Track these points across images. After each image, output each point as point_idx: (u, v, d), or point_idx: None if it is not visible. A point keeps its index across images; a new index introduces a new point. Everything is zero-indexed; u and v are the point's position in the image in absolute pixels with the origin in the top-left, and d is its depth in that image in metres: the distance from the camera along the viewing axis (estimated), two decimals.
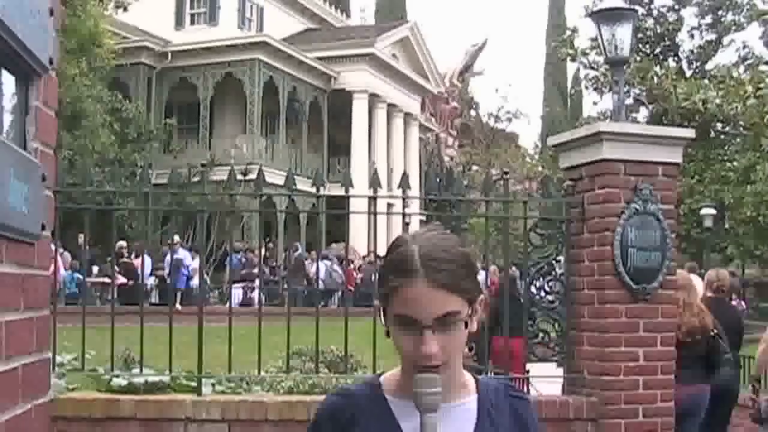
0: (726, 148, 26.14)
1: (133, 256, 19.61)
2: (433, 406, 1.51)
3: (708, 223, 24.33)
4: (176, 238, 19.52)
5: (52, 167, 1.93)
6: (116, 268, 15.32)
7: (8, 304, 1.63)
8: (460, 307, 1.54)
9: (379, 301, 1.61)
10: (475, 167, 42.02)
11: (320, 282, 16.18)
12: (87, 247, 6.89)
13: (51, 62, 1.81)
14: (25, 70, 1.71)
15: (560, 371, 5.45)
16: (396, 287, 1.54)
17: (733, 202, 23.67)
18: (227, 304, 17.08)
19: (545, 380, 5.67)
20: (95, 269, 19.73)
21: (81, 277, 14.75)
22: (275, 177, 20.57)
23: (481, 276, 3.89)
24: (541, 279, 5.39)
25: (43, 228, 1.82)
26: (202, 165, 6.62)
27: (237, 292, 19.00)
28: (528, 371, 5.48)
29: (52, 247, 2.62)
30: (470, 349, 6.09)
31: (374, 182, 5.18)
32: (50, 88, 1.86)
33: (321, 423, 1.68)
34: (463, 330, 1.56)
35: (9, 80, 1.65)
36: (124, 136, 25.64)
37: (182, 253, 19.38)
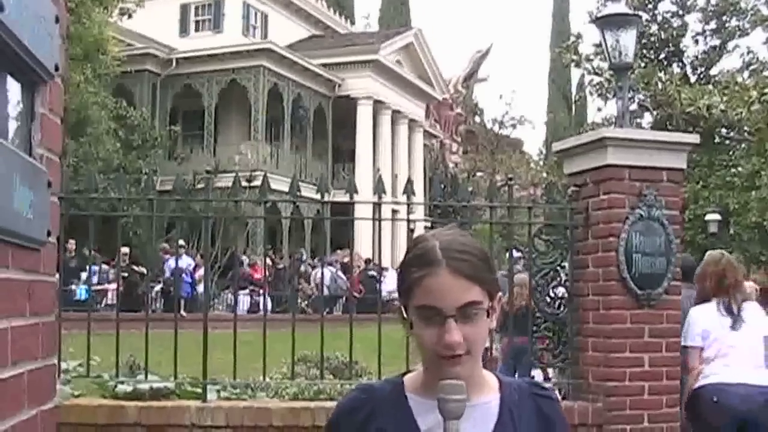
0: (730, 153, 26.06)
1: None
2: (457, 413, 1.52)
3: (713, 228, 24.25)
4: (179, 242, 19.49)
5: (58, 174, 1.93)
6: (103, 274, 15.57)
7: (14, 309, 1.64)
8: (482, 298, 1.57)
9: (400, 299, 1.64)
10: (479, 173, 41.97)
11: (326, 288, 16.15)
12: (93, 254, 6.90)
13: (57, 69, 1.82)
14: (30, 77, 1.72)
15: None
16: (418, 278, 1.57)
17: (738, 208, 23.58)
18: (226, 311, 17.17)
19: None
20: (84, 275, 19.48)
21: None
22: (280, 183, 20.49)
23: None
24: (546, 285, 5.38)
25: (49, 234, 1.83)
26: (207, 172, 6.63)
27: (245, 299, 18.97)
28: (533, 377, 5.47)
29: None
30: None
31: (379, 188, 5.18)
32: (56, 94, 1.87)
33: (340, 416, 1.72)
34: (485, 321, 1.58)
35: (15, 87, 1.65)
36: (129, 143, 25.70)
37: (186, 260, 19.30)
